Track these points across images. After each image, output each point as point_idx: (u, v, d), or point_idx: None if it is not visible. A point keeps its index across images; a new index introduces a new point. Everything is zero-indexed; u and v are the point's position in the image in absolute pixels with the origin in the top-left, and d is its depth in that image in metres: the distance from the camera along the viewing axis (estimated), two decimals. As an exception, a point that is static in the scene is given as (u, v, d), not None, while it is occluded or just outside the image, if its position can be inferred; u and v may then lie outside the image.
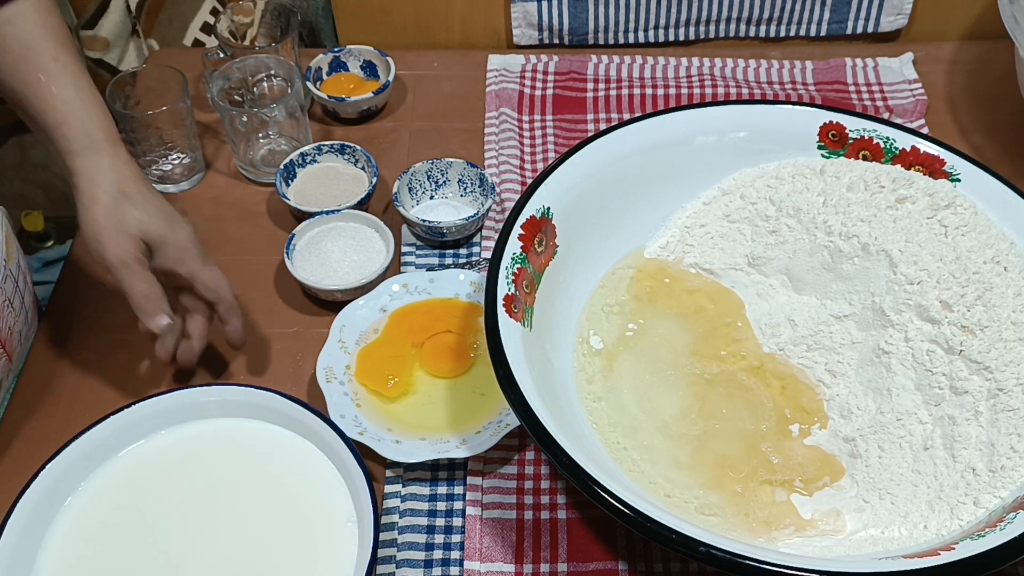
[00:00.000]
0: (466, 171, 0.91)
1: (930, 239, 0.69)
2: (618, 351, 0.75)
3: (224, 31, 0.99)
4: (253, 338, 0.83)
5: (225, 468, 0.67)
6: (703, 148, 0.78)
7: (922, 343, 0.67)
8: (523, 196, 0.71)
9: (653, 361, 0.75)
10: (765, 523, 0.66)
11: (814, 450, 0.70)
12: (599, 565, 0.69)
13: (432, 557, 0.69)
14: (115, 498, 0.66)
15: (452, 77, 1.06)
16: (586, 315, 0.76)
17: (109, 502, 0.65)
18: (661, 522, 0.54)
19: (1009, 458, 0.62)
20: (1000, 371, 0.64)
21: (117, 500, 0.65)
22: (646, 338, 0.76)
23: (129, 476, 0.66)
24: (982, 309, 0.66)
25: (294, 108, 0.92)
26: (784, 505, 0.67)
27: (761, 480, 0.68)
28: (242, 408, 0.68)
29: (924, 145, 0.75)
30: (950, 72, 1.05)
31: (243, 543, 0.64)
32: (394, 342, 0.79)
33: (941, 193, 0.71)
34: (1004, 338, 0.65)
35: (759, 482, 0.68)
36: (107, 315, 0.84)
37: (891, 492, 0.66)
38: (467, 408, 0.76)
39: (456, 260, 0.88)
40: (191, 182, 0.95)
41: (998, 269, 0.68)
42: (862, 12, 1.08)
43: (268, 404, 0.68)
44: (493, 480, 0.73)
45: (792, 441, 0.71)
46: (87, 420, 0.66)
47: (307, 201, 0.91)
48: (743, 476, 0.68)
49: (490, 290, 0.65)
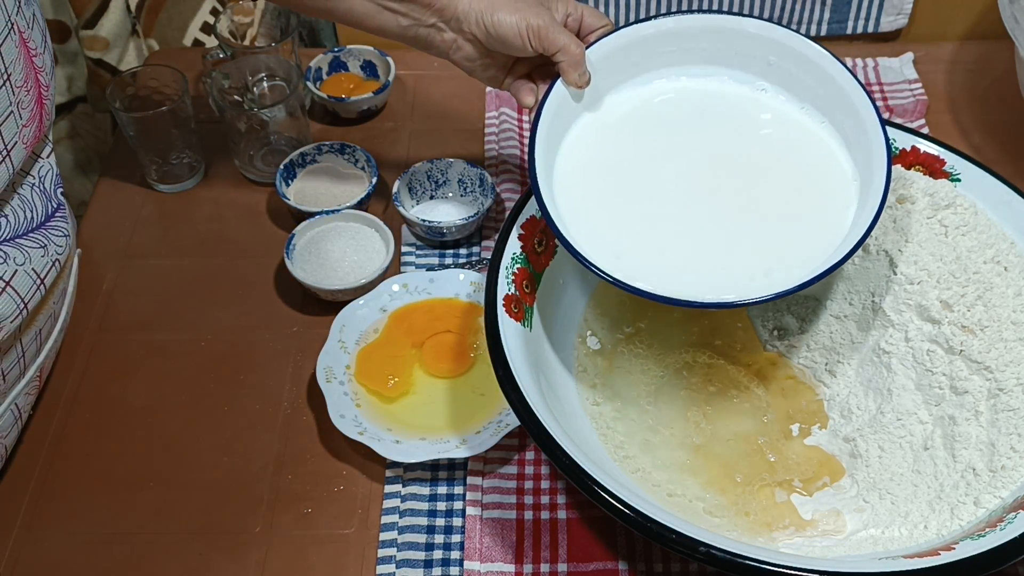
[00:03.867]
0: (466, 171, 0.91)
1: (930, 239, 0.69)
2: (618, 351, 0.75)
3: (224, 31, 0.99)
4: (253, 338, 0.83)
5: (732, 126, 0.71)
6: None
7: (922, 343, 0.67)
8: (523, 196, 0.71)
9: (653, 361, 0.75)
10: (765, 523, 0.66)
11: (814, 450, 0.70)
12: (599, 565, 0.69)
13: (432, 557, 0.69)
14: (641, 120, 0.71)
15: (452, 77, 1.06)
16: (586, 315, 0.76)
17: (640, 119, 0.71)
18: (661, 522, 0.54)
19: (1009, 458, 0.62)
20: (1000, 371, 0.64)
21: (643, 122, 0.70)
22: (646, 339, 0.76)
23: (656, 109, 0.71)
24: (982, 309, 0.66)
25: (294, 108, 0.92)
26: (784, 505, 0.67)
27: (761, 481, 0.68)
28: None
29: (924, 145, 0.75)
30: (950, 72, 1.05)
31: (748, 194, 0.67)
32: (394, 342, 0.79)
33: (941, 193, 0.71)
34: (1004, 338, 0.65)
35: (759, 482, 0.68)
36: (107, 316, 0.84)
37: (891, 492, 0.66)
38: (467, 408, 0.76)
39: (456, 260, 0.88)
40: (191, 182, 0.95)
41: (998, 269, 0.68)
42: (862, 12, 1.08)
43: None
44: (493, 480, 0.73)
45: (792, 441, 0.71)
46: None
47: (307, 201, 0.91)
48: (743, 476, 0.68)
49: (490, 290, 0.65)
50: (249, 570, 0.69)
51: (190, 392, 0.79)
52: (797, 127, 0.70)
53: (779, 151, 0.69)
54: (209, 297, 0.86)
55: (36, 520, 0.72)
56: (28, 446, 0.76)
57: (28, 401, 0.72)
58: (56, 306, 0.71)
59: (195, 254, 0.89)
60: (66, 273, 0.73)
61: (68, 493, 0.73)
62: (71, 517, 0.72)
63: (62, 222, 0.68)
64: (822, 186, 0.67)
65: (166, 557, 0.70)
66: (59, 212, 0.68)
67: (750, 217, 0.66)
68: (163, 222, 0.92)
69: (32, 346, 0.68)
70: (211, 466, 0.75)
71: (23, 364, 0.68)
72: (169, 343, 0.82)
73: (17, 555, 0.70)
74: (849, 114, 0.68)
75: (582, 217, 0.66)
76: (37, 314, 0.67)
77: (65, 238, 0.68)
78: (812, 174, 0.68)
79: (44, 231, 0.66)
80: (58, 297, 0.71)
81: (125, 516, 0.72)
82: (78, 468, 0.75)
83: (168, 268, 0.88)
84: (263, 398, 0.79)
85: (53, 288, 0.69)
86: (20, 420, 0.71)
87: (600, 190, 0.68)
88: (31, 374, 0.70)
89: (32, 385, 0.71)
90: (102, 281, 0.87)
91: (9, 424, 0.69)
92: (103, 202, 0.94)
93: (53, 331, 0.72)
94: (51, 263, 0.66)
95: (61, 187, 0.70)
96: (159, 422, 0.77)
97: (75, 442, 0.76)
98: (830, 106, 0.69)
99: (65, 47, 1.04)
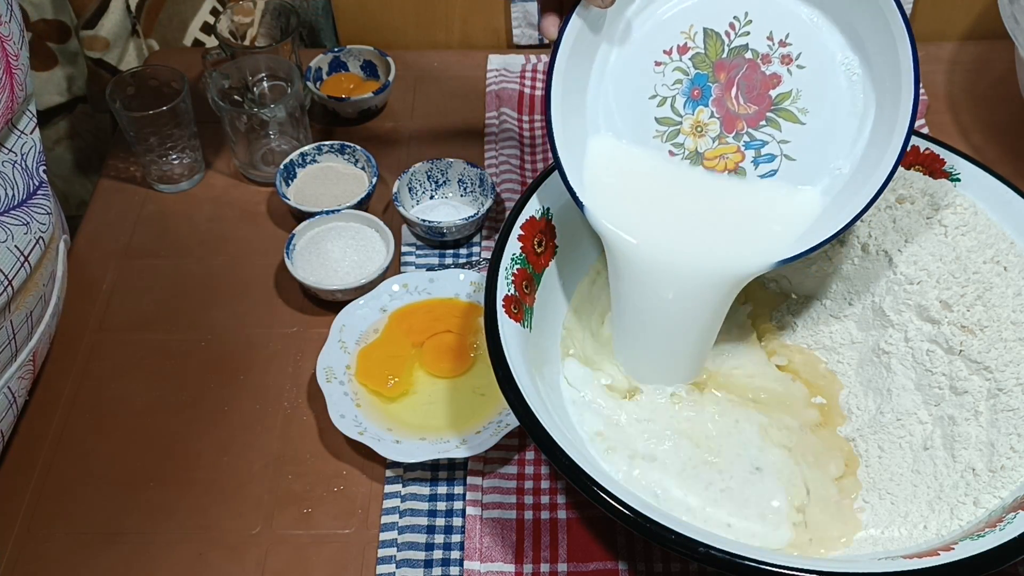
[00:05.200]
0: (466, 171, 0.91)
1: (930, 239, 0.69)
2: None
3: (224, 31, 0.99)
4: (253, 338, 0.83)
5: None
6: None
7: (922, 343, 0.67)
8: (523, 196, 0.71)
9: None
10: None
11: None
12: (599, 565, 0.69)
13: (432, 557, 0.69)
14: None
15: (452, 77, 1.06)
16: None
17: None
18: (660, 522, 0.54)
19: (1009, 458, 0.62)
20: (1000, 371, 0.64)
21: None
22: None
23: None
24: (982, 309, 0.66)
25: (294, 108, 0.92)
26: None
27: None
28: None
29: (924, 145, 0.75)
30: (950, 72, 1.05)
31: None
32: (394, 342, 0.79)
33: (941, 193, 0.71)
34: (1004, 338, 0.65)
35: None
36: (107, 316, 0.84)
37: (891, 492, 0.66)
38: (467, 408, 0.76)
39: (456, 260, 0.88)
40: (191, 182, 0.95)
41: (998, 269, 0.68)
42: (862, 12, 1.08)
43: None
44: (493, 480, 0.73)
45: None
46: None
47: (307, 201, 0.91)
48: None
49: (490, 291, 0.65)
50: (249, 570, 0.69)
51: (190, 392, 0.79)
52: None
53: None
54: (209, 297, 0.86)
55: (36, 520, 0.72)
56: (28, 446, 0.76)
57: (23, 386, 0.72)
58: (46, 289, 0.72)
59: (195, 254, 0.89)
60: (52, 254, 0.73)
61: (68, 493, 0.73)
62: (71, 517, 0.72)
63: (44, 200, 0.69)
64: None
65: (166, 557, 0.70)
66: (41, 190, 0.69)
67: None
68: (163, 222, 0.92)
69: (23, 329, 0.69)
70: (211, 466, 0.75)
71: (15, 346, 0.68)
72: (169, 343, 0.82)
73: (17, 555, 0.70)
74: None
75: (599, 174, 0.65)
76: (26, 295, 0.68)
77: (48, 216, 0.69)
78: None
79: (26, 208, 0.67)
80: (46, 279, 0.71)
81: (125, 516, 0.72)
82: (78, 468, 0.75)
83: (168, 268, 0.88)
84: (263, 398, 0.79)
85: (39, 267, 0.69)
86: (15, 405, 0.72)
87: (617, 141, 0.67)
88: (23, 357, 0.70)
89: (26, 370, 0.71)
90: (102, 281, 0.87)
91: (4, 407, 0.70)
92: (103, 202, 0.94)
93: (44, 315, 0.72)
94: (34, 241, 0.66)
95: (44, 165, 0.70)
96: (159, 422, 0.77)
97: (75, 442, 0.76)
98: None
99: (65, 47, 1.04)
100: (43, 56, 1.03)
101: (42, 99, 1.06)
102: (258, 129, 0.94)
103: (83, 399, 0.79)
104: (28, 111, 0.69)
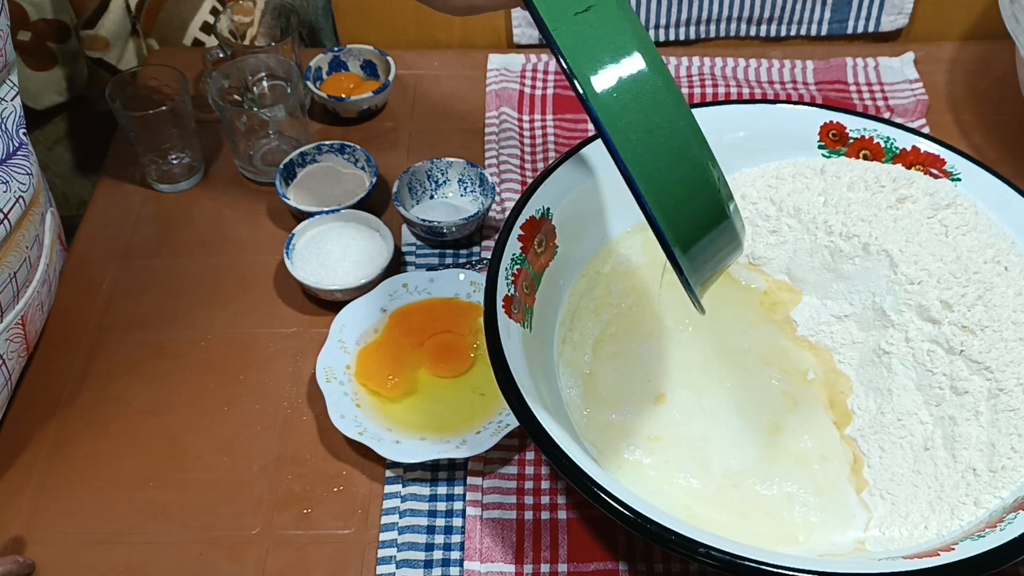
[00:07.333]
0: (466, 171, 0.91)
1: (930, 239, 0.69)
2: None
3: (224, 31, 0.99)
4: (253, 338, 0.83)
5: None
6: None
7: (923, 343, 0.67)
8: (523, 196, 0.71)
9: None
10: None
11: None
12: (599, 565, 0.69)
13: (432, 557, 0.69)
14: None
15: (452, 77, 1.06)
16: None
17: None
18: (661, 523, 0.54)
19: (1010, 458, 0.62)
20: (1001, 371, 0.64)
21: None
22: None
23: None
24: (982, 309, 0.66)
25: (294, 108, 0.92)
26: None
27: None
28: None
29: (925, 145, 0.75)
30: (951, 72, 1.05)
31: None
32: (394, 342, 0.79)
33: (942, 193, 0.71)
34: (1005, 338, 0.65)
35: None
36: (107, 316, 0.84)
37: (891, 492, 0.66)
38: (467, 408, 0.76)
39: (456, 260, 0.88)
40: (191, 182, 0.95)
41: (999, 269, 0.68)
42: (863, 12, 1.08)
43: None
44: (493, 480, 0.73)
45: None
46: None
47: (307, 201, 0.90)
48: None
49: (490, 291, 0.65)
50: (248, 570, 0.69)
51: (190, 392, 0.79)
52: None
53: None
54: (209, 297, 0.86)
55: (36, 520, 0.72)
56: (28, 446, 0.76)
57: (12, 349, 0.73)
58: (30, 252, 0.74)
59: (195, 254, 0.89)
60: (36, 218, 0.75)
61: (68, 493, 0.73)
62: (71, 517, 0.72)
63: (24, 160, 0.71)
64: None
65: (166, 557, 0.70)
66: (21, 151, 0.71)
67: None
68: (163, 222, 0.92)
69: (8, 290, 0.71)
70: (211, 466, 0.75)
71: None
72: (169, 343, 0.82)
73: (17, 555, 0.70)
74: None
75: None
76: (7, 254, 0.70)
77: (28, 176, 0.71)
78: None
79: (6, 167, 0.69)
80: (30, 242, 0.74)
81: (125, 516, 0.72)
82: (78, 468, 0.75)
83: (168, 268, 0.88)
84: (263, 398, 0.79)
85: (19, 227, 0.71)
86: (5, 367, 0.73)
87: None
88: (9, 319, 0.72)
89: (14, 332, 0.72)
90: (102, 281, 0.87)
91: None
92: (103, 202, 0.94)
93: (32, 281, 0.75)
94: (15, 199, 0.69)
95: (24, 128, 0.72)
96: (159, 422, 0.77)
97: (75, 442, 0.76)
98: None
99: (65, 47, 1.04)
100: (43, 56, 1.03)
101: (42, 99, 1.06)
102: (258, 129, 0.94)
103: (83, 399, 0.79)
104: (9, 80, 0.71)
